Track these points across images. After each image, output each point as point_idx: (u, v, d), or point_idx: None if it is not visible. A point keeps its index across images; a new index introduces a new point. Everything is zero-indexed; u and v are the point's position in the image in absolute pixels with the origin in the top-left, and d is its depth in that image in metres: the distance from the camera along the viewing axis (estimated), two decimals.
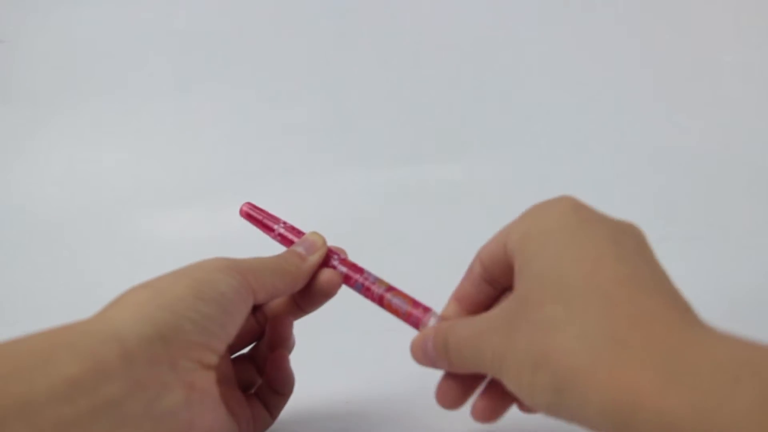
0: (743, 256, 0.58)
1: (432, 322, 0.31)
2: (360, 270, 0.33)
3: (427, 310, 0.31)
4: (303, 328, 0.35)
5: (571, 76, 0.81)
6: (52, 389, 0.21)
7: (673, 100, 0.79)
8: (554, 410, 0.23)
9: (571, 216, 0.26)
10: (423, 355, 0.30)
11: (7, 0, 0.84)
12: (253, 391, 0.34)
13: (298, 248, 0.33)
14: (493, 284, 0.30)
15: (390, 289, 0.32)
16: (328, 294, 0.33)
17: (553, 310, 0.23)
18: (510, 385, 0.25)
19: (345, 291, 0.36)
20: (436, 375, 0.30)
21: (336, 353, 0.44)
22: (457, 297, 0.32)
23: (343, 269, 0.33)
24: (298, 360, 0.35)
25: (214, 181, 0.75)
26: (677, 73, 0.80)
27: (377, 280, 0.33)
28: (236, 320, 0.29)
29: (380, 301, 0.32)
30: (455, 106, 0.80)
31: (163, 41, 0.83)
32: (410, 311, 0.31)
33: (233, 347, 0.34)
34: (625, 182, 0.72)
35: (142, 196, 0.75)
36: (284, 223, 0.35)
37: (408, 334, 0.31)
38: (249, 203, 0.36)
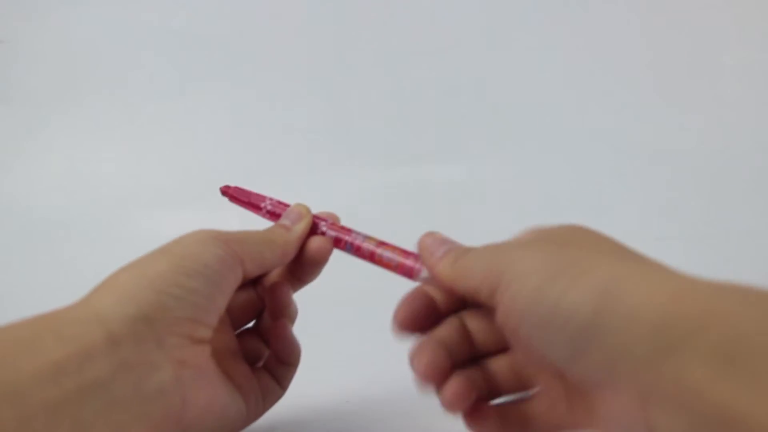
0: (743, 256, 0.58)
1: (426, 271, 0.30)
2: (348, 231, 0.33)
3: (419, 258, 0.30)
4: (303, 328, 0.35)
5: (571, 76, 0.81)
6: (37, 373, 0.22)
7: (673, 100, 0.79)
8: (584, 330, 0.21)
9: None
10: (431, 248, 0.29)
11: (7, 0, 0.84)
12: (261, 364, 0.34)
13: (284, 220, 0.33)
14: None
15: (381, 244, 0.32)
16: (319, 261, 0.33)
17: (603, 254, 0.24)
18: (531, 288, 0.23)
19: (345, 291, 0.36)
20: None
21: (336, 352, 0.44)
22: None
23: (332, 233, 0.33)
24: None
25: (214, 181, 0.75)
26: (677, 73, 0.80)
27: (367, 238, 0.32)
28: (225, 290, 0.28)
29: (371, 258, 0.32)
30: (455, 106, 0.80)
31: (163, 41, 0.83)
32: (402, 262, 0.30)
33: (237, 322, 0.34)
34: (625, 182, 0.72)
35: (142, 196, 0.75)
36: (270, 199, 0.35)
37: None
38: (235, 186, 0.36)
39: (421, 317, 0.29)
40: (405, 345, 0.31)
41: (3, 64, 0.82)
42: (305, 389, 0.35)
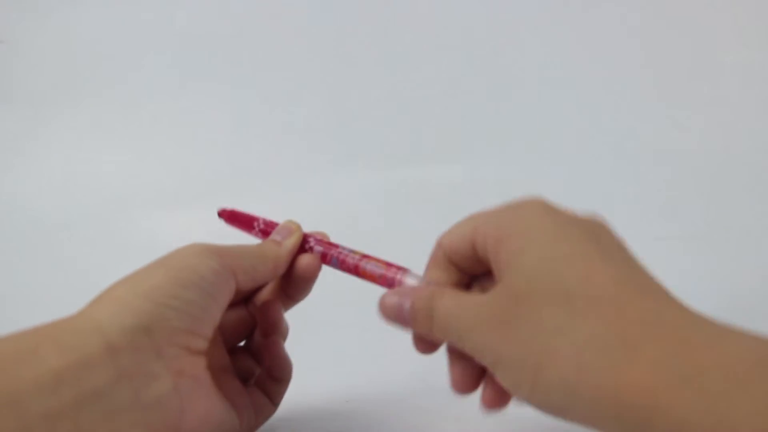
0: (743, 256, 0.58)
1: (409, 280, 0.31)
2: (335, 246, 0.34)
3: (401, 269, 0.31)
4: (303, 327, 0.35)
5: (571, 76, 0.81)
6: (38, 382, 0.22)
7: (673, 100, 0.79)
8: (560, 412, 0.23)
9: (546, 216, 0.26)
10: (394, 313, 0.29)
11: (7, 0, 0.84)
12: (253, 381, 0.34)
13: (275, 236, 0.34)
14: (459, 270, 0.30)
15: (364, 257, 0.32)
16: (309, 278, 0.34)
17: (556, 312, 0.23)
18: (506, 381, 0.25)
19: (345, 290, 0.36)
20: (437, 375, 0.30)
21: (336, 352, 0.44)
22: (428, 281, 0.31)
23: (320, 248, 0.34)
24: (298, 359, 0.35)
25: (213, 182, 0.75)
26: (677, 73, 0.80)
27: (351, 252, 0.33)
28: (219, 302, 0.29)
29: (356, 271, 0.32)
30: (455, 106, 0.80)
31: (163, 41, 0.83)
32: (384, 273, 0.31)
33: (229, 341, 0.34)
34: (625, 182, 0.72)
35: (142, 197, 0.75)
36: (263, 220, 0.36)
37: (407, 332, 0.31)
38: (230, 210, 0.36)
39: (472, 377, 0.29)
40: (405, 345, 0.31)
41: (3, 64, 0.82)
42: (305, 389, 0.35)
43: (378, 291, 0.32)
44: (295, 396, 0.34)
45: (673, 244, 0.60)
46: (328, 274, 0.34)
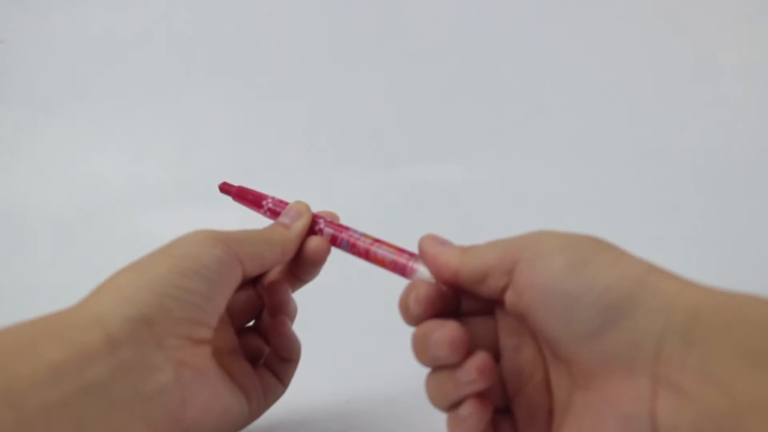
0: (743, 256, 0.58)
1: (421, 267, 0.30)
2: (346, 228, 0.33)
3: (413, 256, 0.31)
4: (303, 327, 0.35)
5: (571, 76, 0.81)
6: (35, 375, 0.22)
7: (673, 101, 0.79)
8: (611, 305, 0.22)
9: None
10: (435, 241, 0.29)
11: (7, 0, 0.84)
12: (262, 362, 0.34)
13: (284, 219, 0.33)
14: None
15: (376, 241, 0.32)
16: (317, 261, 0.33)
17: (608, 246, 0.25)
18: (554, 271, 0.24)
19: (345, 290, 0.36)
20: None
21: (336, 352, 0.44)
22: None
23: (330, 231, 0.33)
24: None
25: (214, 181, 0.75)
26: (677, 73, 0.80)
27: (363, 235, 0.32)
28: (224, 291, 0.28)
29: (366, 255, 0.32)
30: (455, 106, 0.80)
31: (163, 41, 0.83)
32: (396, 259, 0.30)
33: (237, 321, 0.34)
34: (625, 182, 0.72)
35: (142, 196, 0.75)
36: (272, 198, 0.35)
37: (409, 332, 0.31)
38: (239, 186, 0.36)
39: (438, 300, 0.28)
40: (406, 345, 0.31)
41: (3, 64, 0.82)
42: (305, 389, 0.35)
43: (379, 291, 0.32)
44: (295, 396, 0.34)
45: (673, 244, 0.60)
46: (330, 274, 0.34)
